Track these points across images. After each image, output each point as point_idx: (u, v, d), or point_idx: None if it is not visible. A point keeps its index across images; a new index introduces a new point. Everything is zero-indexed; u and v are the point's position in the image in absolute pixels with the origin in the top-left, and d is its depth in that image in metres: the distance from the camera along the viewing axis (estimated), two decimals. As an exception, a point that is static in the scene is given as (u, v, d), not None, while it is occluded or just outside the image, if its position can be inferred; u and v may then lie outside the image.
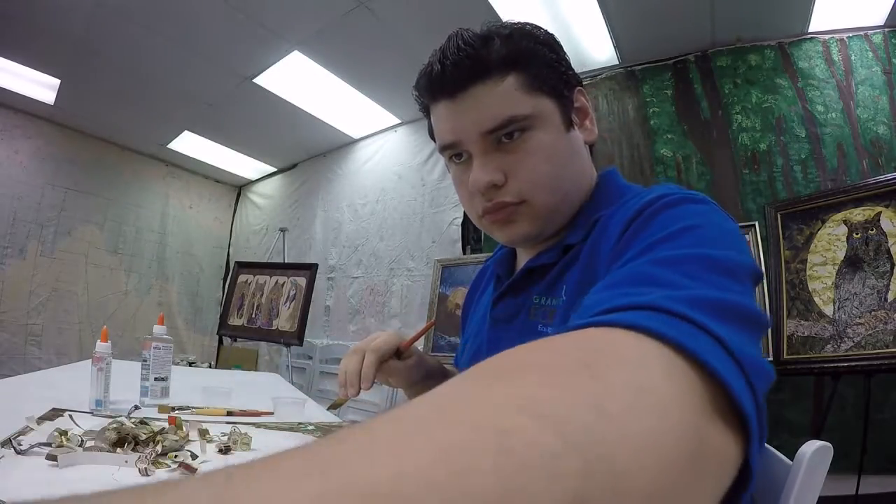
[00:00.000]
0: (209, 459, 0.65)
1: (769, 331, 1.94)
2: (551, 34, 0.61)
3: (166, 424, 0.71)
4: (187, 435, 0.71)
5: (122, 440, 0.61)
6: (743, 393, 0.26)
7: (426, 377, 0.74)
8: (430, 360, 0.77)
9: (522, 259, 0.64)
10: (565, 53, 0.61)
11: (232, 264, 3.95)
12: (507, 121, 0.53)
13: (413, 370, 0.72)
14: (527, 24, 0.60)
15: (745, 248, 0.42)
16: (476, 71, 0.53)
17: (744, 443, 0.26)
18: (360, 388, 0.66)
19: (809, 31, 2.42)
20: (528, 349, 0.25)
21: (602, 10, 2.43)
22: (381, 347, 0.67)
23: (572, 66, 0.61)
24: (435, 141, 0.60)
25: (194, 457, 0.64)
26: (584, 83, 0.64)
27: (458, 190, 0.60)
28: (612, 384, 0.21)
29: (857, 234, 1.75)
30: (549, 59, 0.57)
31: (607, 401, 0.20)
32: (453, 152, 0.58)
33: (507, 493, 0.15)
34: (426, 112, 0.60)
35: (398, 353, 0.70)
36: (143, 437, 0.63)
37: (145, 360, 1.11)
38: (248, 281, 3.42)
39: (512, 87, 0.54)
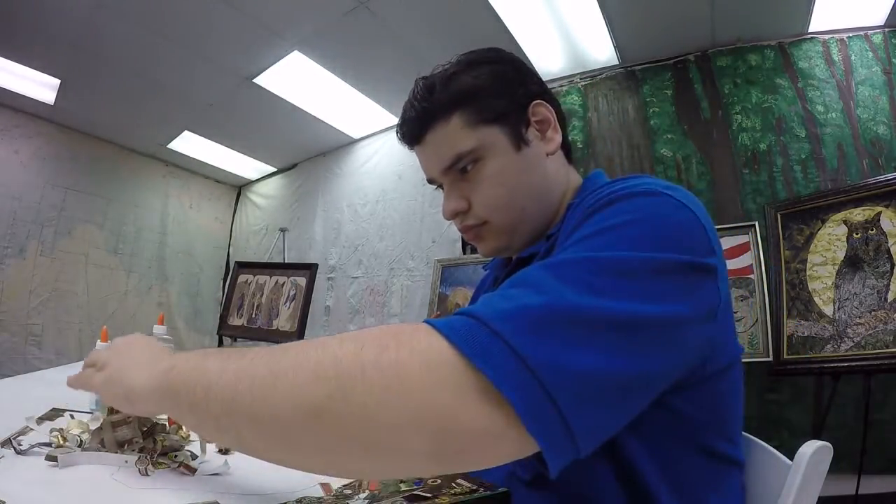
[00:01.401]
0: (209, 459, 0.65)
1: (769, 330, 1.94)
2: (503, 58, 0.65)
3: (166, 424, 0.71)
4: (188, 435, 0.71)
5: (123, 441, 0.62)
6: (507, 383, 0.32)
7: None
8: None
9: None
10: (521, 72, 0.65)
11: (232, 264, 3.95)
12: (456, 158, 0.61)
13: None
14: (476, 55, 0.64)
15: (693, 240, 0.43)
16: (425, 121, 0.62)
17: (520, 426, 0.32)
18: None
19: (809, 31, 2.42)
20: (368, 330, 0.37)
21: (602, 10, 2.43)
22: None
23: (534, 78, 0.66)
24: None
25: (194, 457, 0.64)
26: (584, 83, 0.67)
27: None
28: (388, 357, 0.34)
29: (857, 234, 1.75)
30: (493, 89, 0.61)
31: (370, 366, 0.34)
32: (435, 186, 0.68)
33: (275, 376, 0.36)
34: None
35: None
36: (145, 428, 0.63)
37: (145, 360, 1.11)
38: (248, 281, 3.42)
39: (457, 127, 0.60)
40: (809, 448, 0.50)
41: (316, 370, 0.35)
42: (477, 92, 0.61)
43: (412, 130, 0.65)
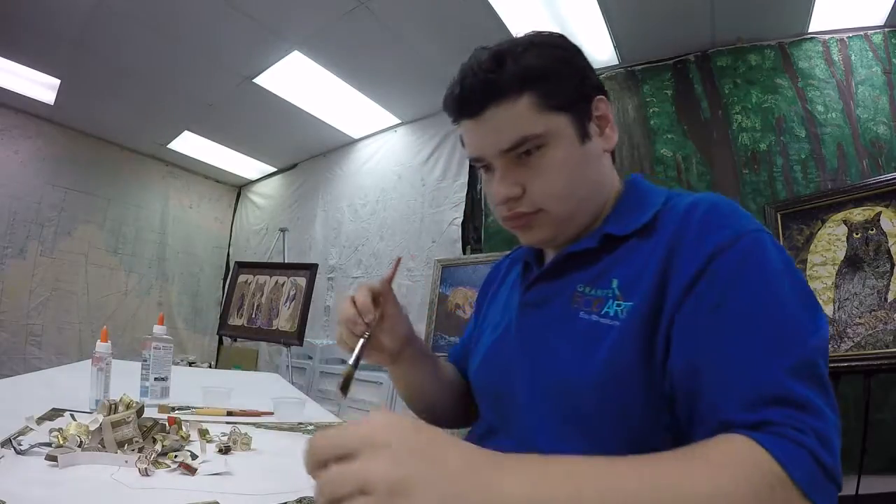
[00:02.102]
0: (209, 459, 0.65)
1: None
2: (570, 45, 0.62)
3: (166, 424, 0.71)
4: (188, 435, 0.71)
5: (123, 441, 0.61)
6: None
7: (411, 341, 0.72)
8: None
9: (549, 253, 0.68)
10: (585, 63, 0.62)
11: (232, 264, 3.95)
12: (521, 140, 0.57)
13: (402, 320, 0.70)
14: (545, 37, 0.61)
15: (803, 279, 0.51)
16: (490, 94, 0.57)
17: None
18: (368, 322, 0.64)
19: (809, 31, 2.42)
20: (710, 466, 0.37)
21: (602, 10, 2.43)
22: (366, 284, 0.68)
23: (594, 72, 0.63)
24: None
25: (194, 457, 0.64)
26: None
27: (488, 194, 0.64)
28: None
29: (857, 233, 1.75)
30: (564, 74, 0.58)
31: None
32: (480, 165, 0.63)
33: None
34: (456, 123, 0.65)
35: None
36: (145, 428, 0.63)
37: (145, 360, 1.11)
38: (248, 281, 3.42)
39: (525, 108, 0.57)
40: (809, 448, 0.50)
41: None
42: (550, 75, 0.57)
43: (471, 102, 0.59)
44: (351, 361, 0.59)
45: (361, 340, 0.62)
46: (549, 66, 0.58)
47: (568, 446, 0.49)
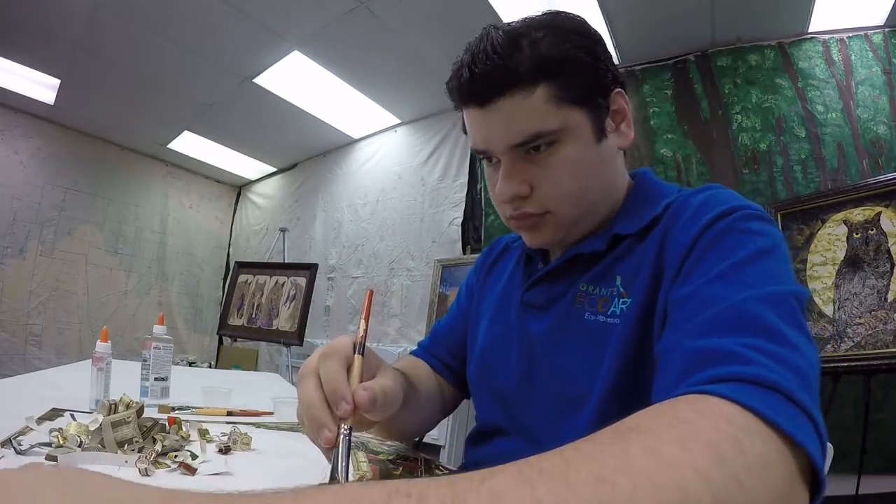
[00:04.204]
0: (209, 459, 0.65)
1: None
2: (592, 32, 0.57)
3: (166, 424, 0.71)
4: (188, 435, 0.71)
5: (123, 441, 0.62)
6: (820, 461, 0.31)
7: (399, 395, 0.52)
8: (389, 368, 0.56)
9: (555, 250, 0.64)
10: (606, 52, 0.57)
11: (232, 264, 3.95)
12: (534, 136, 0.52)
13: (394, 381, 0.50)
14: (564, 20, 0.56)
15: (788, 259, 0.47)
16: (504, 83, 0.51)
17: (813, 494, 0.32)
18: (347, 409, 0.41)
19: (809, 31, 2.42)
20: (672, 419, 0.30)
21: (602, 10, 2.43)
22: (331, 349, 0.45)
23: (612, 62, 0.58)
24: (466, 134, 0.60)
25: (194, 457, 0.64)
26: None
27: (490, 187, 0.60)
28: (745, 461, 0.27)
29: (857, 233, 1.75)
30: (585, 64, 0.53)
31: (742, 472, 0.27)
32: (484, 156, 0.58)
33: None
34: (459, 109, 0.59)
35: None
36: (145, 428, 0.63)
37: (145, 360, 1.11)
38: (248, 281, 3.42)
39: (541, 101, 0.51)
40: (810, 448, 0.50)
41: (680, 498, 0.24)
42: (569, 65, 0.52)
43: (481, 89, 0.52)
44: (332, 473, 0.39)
45: (340, 442, 0.40)
46: (568, 54, 0.52)
47: None
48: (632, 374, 0.50)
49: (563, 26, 0.54)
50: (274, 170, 4.88)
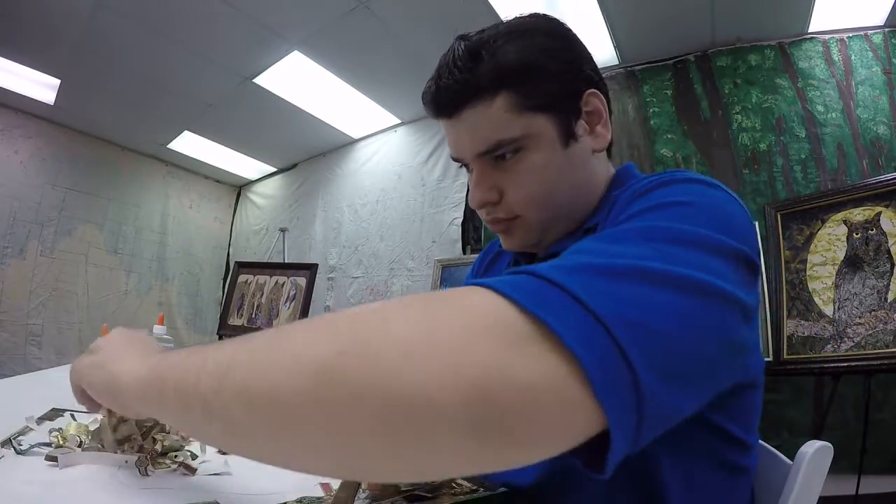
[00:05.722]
0: (209, 459, 0.65)
1: (769, 330, 1.94)
2: (561, 33, 0.57)
3: (166, 424, 0.71)
4: (188, 435, 0.70)
5: (123, 440, 0.62)
6: (571, 333, 0.25)
7: None
8: None
9: (541, 251, 0.64)
10: (576, 54, 0.57)
11: (232, 264, 3.95)
12: (496, 144, 0.54)
13: None
14: (531, 23, 0.56)
15: (746, 234, 0.40)
16: (465, 95, 0.53)
17: (589, 391, 0.25)
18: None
19: (809, 31, 2.42)
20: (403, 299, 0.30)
21: (602, 10, 2.43)
22: None
23: (589, 61, 0.58)
24: None
25: (194, 457, 0.64)
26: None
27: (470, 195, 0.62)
28: (416, 308, 0.27)
29: (857, 234, 1.75)
30: (548, 69, 0.53)
31: (395, 316, 0.27)
32: (461, 164, 0.60)
33: (280, 338, 0.30)
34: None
35: None
36: (144, 428, 0.63)
37: (145, 360, 1.10)
38: (248, 281, 3.42)
39: (501, 110, 0.52)
40: (810, 448, 0.50)
41: (328, 326, 0.28)
42: (529, 71, 0.52)
43: (446, 102, 0.55)
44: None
45: None
46: (530, 60, 0.53)
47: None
48: None
49: (529, 29, 0.55)
50: (274, 170, 4.87)
